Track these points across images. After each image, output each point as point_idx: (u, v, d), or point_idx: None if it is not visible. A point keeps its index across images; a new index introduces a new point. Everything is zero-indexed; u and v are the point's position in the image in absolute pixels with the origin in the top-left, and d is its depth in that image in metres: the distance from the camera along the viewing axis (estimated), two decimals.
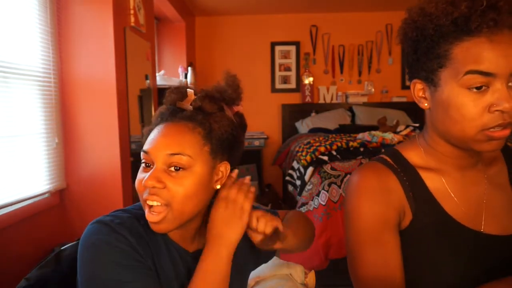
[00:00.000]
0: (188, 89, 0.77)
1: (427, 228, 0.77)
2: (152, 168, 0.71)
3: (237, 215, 0.75)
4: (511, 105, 0.66)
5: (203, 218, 0.81)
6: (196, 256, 0.79)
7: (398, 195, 0.78)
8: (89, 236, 0.69)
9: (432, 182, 0.80)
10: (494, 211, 0.79)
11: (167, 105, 0.79)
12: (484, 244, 0.76)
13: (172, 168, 0.71)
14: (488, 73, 0.66)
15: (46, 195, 2.10)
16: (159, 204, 0.70)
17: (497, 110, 0.67)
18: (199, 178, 0.72)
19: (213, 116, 0.76)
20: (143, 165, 0.74)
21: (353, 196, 0.80)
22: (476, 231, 0.77)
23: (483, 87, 0.68)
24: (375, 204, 0.77)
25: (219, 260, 0.72)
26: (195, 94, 0.77)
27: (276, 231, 0.77)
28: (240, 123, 0.82)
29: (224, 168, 0.78)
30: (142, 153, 0.73)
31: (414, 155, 0.83)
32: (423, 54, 0.73)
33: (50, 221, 2.11)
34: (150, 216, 0.71)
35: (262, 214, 0.77)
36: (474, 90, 0.68)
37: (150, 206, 0.71)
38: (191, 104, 0.76)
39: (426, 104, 0.77)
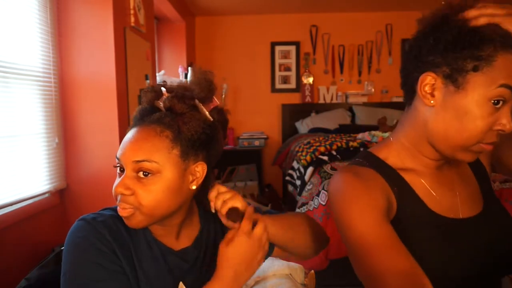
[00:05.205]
0: (162, 88, 0.77)
1: (411, 223, 0.77)
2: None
3: (260, 255, 0.75)
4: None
5: (185, 214, 0.81)
6: (182, 255, 0.80)
7: (383, 186, 0.76)
8: (72, 232, 0.73)
9: (412, 181, 0.80)
10: (465, 199, 0.82)
11: (143, 105, 0.78)
12: (463, 228, 0.79)
13: (141, 174, 0.72)
14: None
15: (46, 195, 2.10)
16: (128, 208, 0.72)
17: (499, 130, 0.68)
18: (168, 183, 0.72)
19: (182, 117, 0.74)
20: (118, 170, 0.76)
21: (341, 205, 0.74)
22: (456, 219, 0.79)
23: (501, 103, 0.67)
24: (364, 206, 0.71)
25: None
26: (168, 92, 0.76)
27: (236, 212, 0.76)
28: (219, 119, 0.79)
29: (200, 168, 0.76)
30: (116, 158, 0.75)
31: (390, 157, 0.81)
32: (459, 49, 0.66)
33: (50, 221, 2.11)
34: (120, 211, 0.73)
35: (223, 192, 0.77)
36: (495, 105, 0.67)
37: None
38: (163, 104, 0.75)
39: (432, 102, 0.72)
